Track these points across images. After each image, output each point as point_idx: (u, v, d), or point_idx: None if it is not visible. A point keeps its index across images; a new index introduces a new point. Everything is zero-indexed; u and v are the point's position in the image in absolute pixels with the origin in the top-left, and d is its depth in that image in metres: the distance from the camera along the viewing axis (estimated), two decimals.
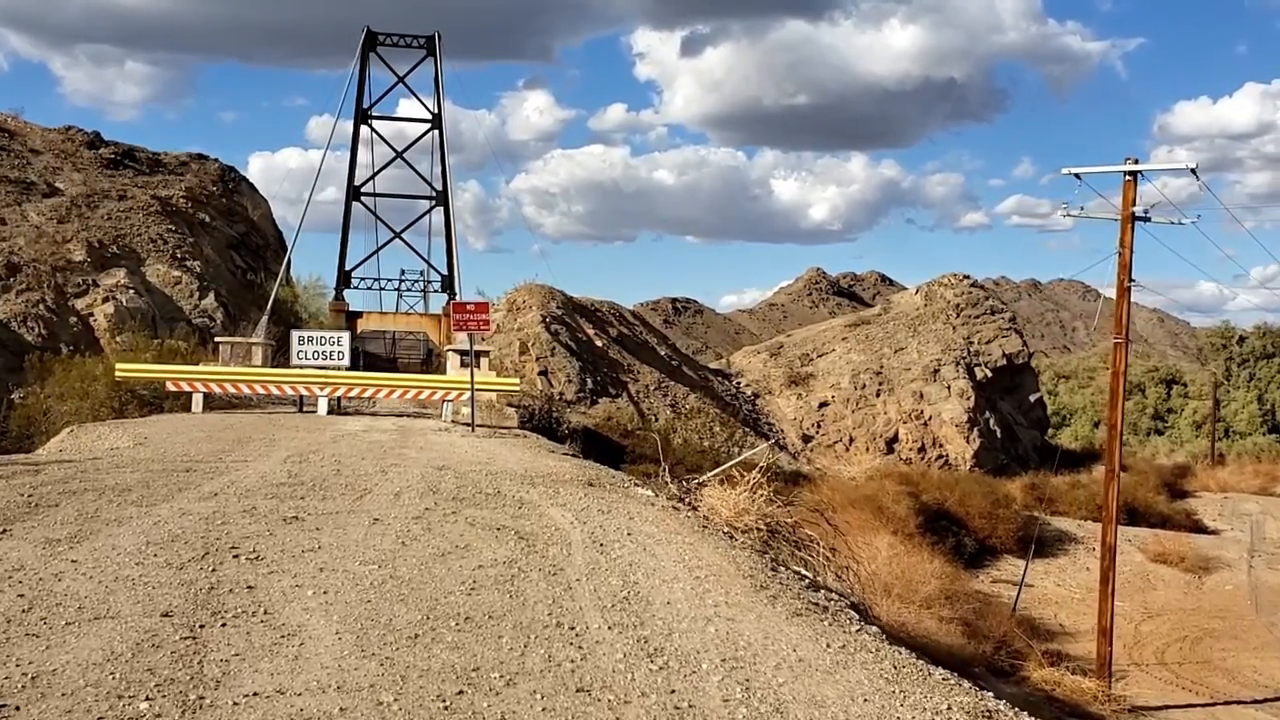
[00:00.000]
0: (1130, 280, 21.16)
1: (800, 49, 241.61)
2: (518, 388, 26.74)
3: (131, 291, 40.57)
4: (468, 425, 24.01)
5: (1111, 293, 21.14)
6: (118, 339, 37.17)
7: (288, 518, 10.35)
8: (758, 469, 13.72)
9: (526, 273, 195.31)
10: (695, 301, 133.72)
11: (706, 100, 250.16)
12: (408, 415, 27.12)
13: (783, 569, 9.62)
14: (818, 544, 12.98)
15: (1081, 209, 21.71)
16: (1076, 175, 22.01)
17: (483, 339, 46.99)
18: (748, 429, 48.04)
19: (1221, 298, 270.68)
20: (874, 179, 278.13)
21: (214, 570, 8.12)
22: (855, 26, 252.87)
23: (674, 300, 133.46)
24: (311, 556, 8.69)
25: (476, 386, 24.08)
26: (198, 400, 24.94)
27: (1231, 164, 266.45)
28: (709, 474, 22.24)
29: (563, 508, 11.41)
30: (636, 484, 14.61)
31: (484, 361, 36.43)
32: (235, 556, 8.55)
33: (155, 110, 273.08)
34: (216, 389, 25.25)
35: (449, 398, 25.72)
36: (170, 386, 25.12)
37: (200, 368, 26.35)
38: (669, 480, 15.62)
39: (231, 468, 14.09)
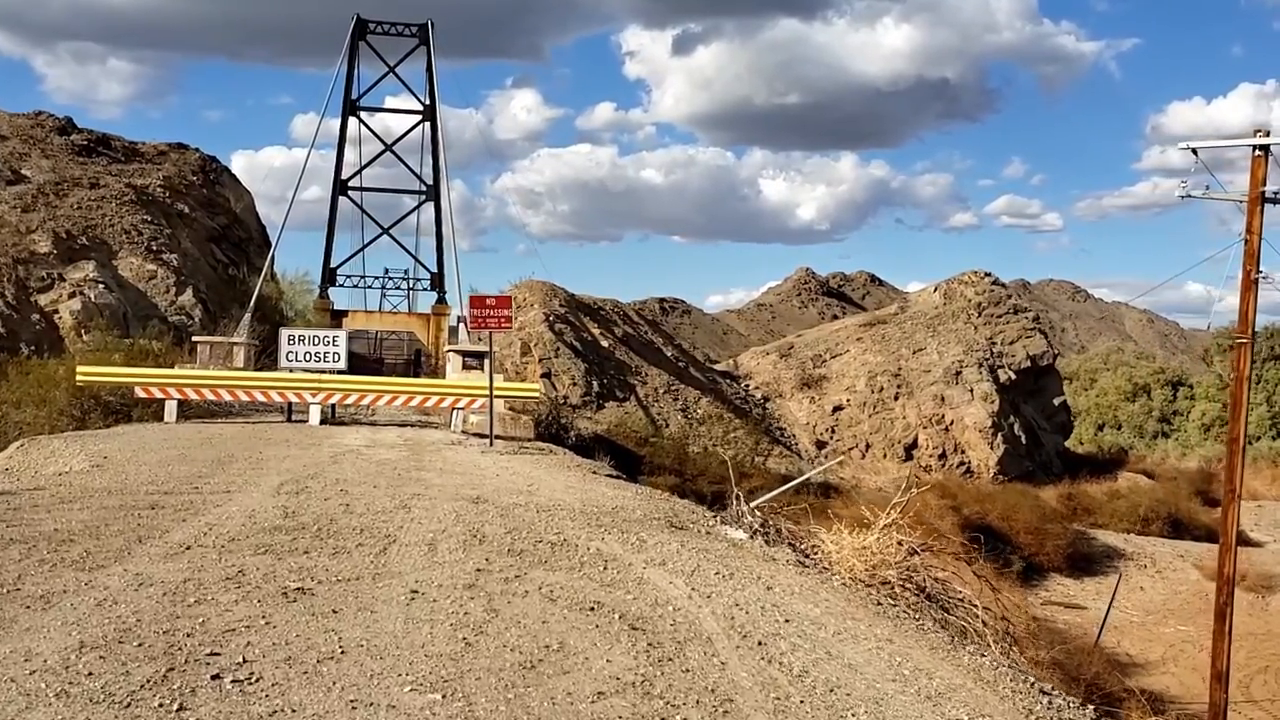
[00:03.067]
0: (1258, 272, 18.27)
1: (793, 48, 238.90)
2: (537, 394, 23.63)
3: (101, 286, 37.27)
4: (481, 437, 20.93)
5: (1101, 294, 18.18)
6: (84, 338, 33.89)
7: (289, 590, 7.28)
8: (893, 505, 10.74)
9: (513, 273, 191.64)
10: (683, 301, 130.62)
11: (696, 99, 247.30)
12: (412, 425, 24.01)
13: (1052, 692, 6.62)
14: (973, 605, 9.99)
15: (1207, 188, 18.78)
16: (1194, 151, 19.09)
17: (481, 339, 44.04)
18: (768, 436, 45.04)
19: (1209, 299, 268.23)
20: (863, 179, 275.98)
21: (180, 707, 5.04)
22: (849, 25, 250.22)
23: (661, 300, 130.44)
24: (332, 671, 5.61)
25: (494, 393, 20.95)
26: (171, 408, 21.78)
27: (1224, 164, 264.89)
28: (767, 495, 19.27)
29: (662, 568, 8.36)
30: (724, 521, 11.58)
31: (488, 364, 33.35)
32: (215, 677, 5.46)
33: (139, 109, 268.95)
34: (193, 395, 22.08)
35: (459, 405, 22.60)
36: (139, 393, 21.93)
37: (174, 371, 23.14)
38: (745, 508, 12.62)
39: (210, 502, 10.99)
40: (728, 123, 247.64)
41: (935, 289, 64.18)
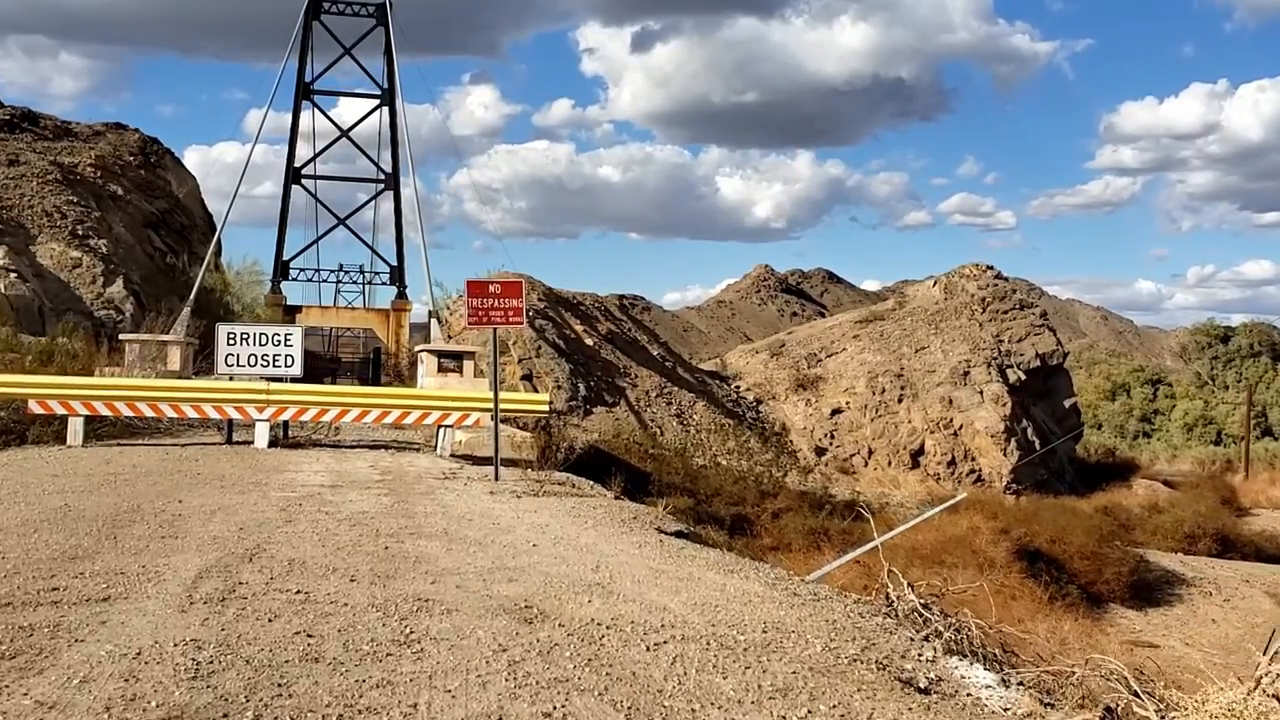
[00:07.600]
0: None
1: (750, 46, 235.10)
2: (546, 407, 18.96)
3: (14, 275, 32.09)
4: (478, 463, 16.27)
5: (1054, 291, 13.92)
6: None
7: None
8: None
9: (471, 268, 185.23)
10: (642, 298, 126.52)
11: (654, 97, 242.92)
12: (385, 446, 19.21)
13: None
14: None
15: None
16: None
17: (457, 336, 39.24)
18: (785, 451, 40.51)
19: (1159, 296, 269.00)
20: (819, 177, 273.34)
21: None
22: (806, 24, 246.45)
23: (621, 297, 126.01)
24: None
25: (491, 406, 16.22)
26: (76, 427, 16.87)
27: (1176, 164, 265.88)
28: (866, 546, 14.83)
29: None
30: (949, 650, 7.04)
31: (468, 366, 28.62)
32: None
33: (92, 103, 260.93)
34: (103, 410, 17.16)
35: (447, 422, 17.85)
36: (35, 407, 16.99)
37: (79, 380, 18.09)
38: (933, 615, 8.17)
39: (67, 629, 6.27)
40: (685, 120, 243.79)
41: (935, 283, 60.10)
